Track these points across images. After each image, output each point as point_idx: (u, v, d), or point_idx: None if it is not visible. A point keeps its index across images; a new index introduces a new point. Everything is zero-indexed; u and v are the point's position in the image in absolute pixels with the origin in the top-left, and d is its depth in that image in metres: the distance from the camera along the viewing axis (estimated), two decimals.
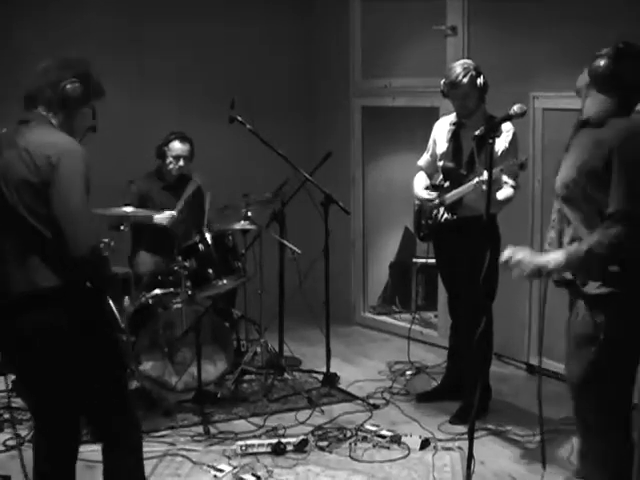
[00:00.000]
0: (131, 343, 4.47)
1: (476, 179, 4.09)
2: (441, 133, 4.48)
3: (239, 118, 4.81)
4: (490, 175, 3.24)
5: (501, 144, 4.17)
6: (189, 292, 4.58)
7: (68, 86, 2.76)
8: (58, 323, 2.70)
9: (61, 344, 2.72)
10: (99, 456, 3.00)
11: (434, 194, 4.41)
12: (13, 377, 4.56)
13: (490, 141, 3.23)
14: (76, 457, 3.02)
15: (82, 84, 2.78)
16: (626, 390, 2.91)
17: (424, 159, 4.63)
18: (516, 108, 3.29)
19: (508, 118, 3.34)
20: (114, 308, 4.39)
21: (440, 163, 4.44)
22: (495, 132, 3.27)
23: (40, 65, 2.80)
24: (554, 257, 2.82)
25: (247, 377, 5.01)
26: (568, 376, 2.98)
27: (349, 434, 4.21)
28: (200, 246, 4.59)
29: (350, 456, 3.99)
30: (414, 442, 4.09)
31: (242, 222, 4.96)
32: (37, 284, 2.68)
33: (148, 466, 3.48)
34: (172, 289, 4.71)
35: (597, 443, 2.93)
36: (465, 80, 4.19)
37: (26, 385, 2.93)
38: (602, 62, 2.77)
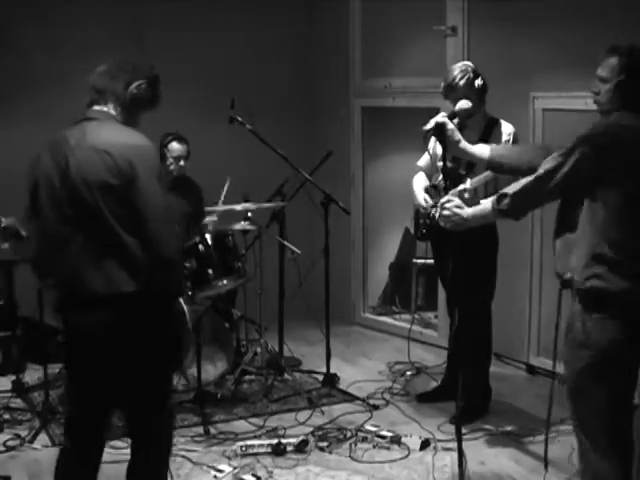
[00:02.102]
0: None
1: (461, 186, 4.09)
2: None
3: (239, 118, 4.81)
4: (445, 169, 3.28)
5: None
6: (189, 292, 4.58)
7: (141, 86, 2.82)
8: (128, 324, 2.69)
9: (128, 344, 2.71)
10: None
11: (431, 202, 4.40)
12: (13, 378, 4.63)
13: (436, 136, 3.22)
14: (100, 460, 2.98)
15: (151, 87, 2.86)
16: (619, 402, 2.80)
17: (424, 159, 4.62)
18: (461, 104, 3.27)
19: (453, 115, 3.33)
20: (185, 308, 4.40)
21: (440, 164, 4.43)
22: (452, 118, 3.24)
23: (106, 64, 2.85)
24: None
25: (247, 377, 5.00)
26: (563, 380, 2.93)
27: (349, 434, 4.20)
28: (200, 246, 4.59)
29: (350, 456, 3.99)
30: (414, 442, 4.09)
31: (242, 222, 4.97)
32: (117, 288, 2.65)
33: None
34: None
35: (594, 461, 2.82)
36: (462, 82, 4.18)
37: (79, 380, 2.87)
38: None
